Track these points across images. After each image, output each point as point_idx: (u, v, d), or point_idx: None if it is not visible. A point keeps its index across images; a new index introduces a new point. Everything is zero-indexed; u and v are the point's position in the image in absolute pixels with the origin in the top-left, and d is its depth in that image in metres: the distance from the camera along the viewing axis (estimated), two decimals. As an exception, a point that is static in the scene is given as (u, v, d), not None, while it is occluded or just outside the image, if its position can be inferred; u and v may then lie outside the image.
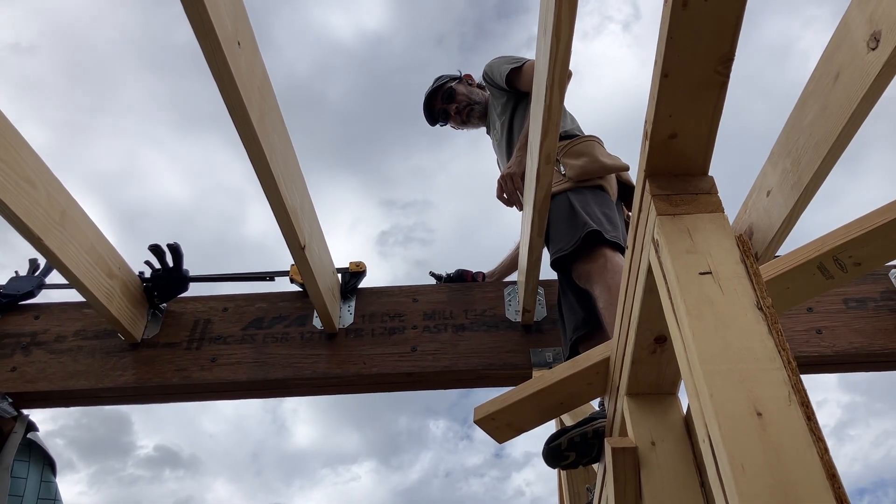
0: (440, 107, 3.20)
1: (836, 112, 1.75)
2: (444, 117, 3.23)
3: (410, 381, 2.66)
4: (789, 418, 0.90)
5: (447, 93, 3.18)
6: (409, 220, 25.13)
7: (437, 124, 3.28)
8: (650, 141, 1.15)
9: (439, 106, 3.21)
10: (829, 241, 1.40)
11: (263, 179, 1.88)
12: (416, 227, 23.04)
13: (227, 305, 2.87)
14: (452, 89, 3.18)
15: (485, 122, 3.16)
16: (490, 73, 2.89)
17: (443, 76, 3.26)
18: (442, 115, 3.22)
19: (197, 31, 1.45)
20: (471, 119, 3.17)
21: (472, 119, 3.17)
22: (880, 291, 2.70)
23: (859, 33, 1.66)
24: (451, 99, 3.18)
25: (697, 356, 0.98)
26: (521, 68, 2.75)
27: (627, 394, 1.45)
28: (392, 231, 22.11)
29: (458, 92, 3.17)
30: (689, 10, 1.00)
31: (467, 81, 3.21)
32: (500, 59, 2.86)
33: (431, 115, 3.26)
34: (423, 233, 15.19)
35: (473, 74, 3.26)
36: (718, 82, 1.08)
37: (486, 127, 3.15)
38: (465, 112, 3.16)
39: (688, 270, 1.07)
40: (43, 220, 2.13)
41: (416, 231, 20.89)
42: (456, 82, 3.21)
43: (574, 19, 1.48)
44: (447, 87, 3.19)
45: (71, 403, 2.71)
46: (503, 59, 2.85)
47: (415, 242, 13.12)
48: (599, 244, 2.16)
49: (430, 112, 3.25)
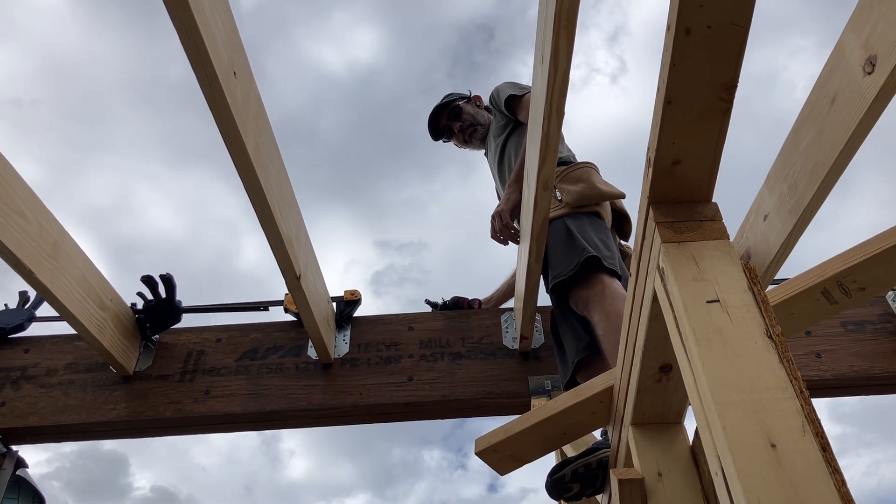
0: (444, 123, 3.22)
1: (833, 136, 1.75)
2: (447, 134, 3.24)
3: (407, 412, 2.63)
4: (804, 449, 0.88)
5: (454, 110, 3.20)
6: (405, 260, 25.23)
7: (440, 139, 3.28)
8: (654, 168, 1.14)
9: (444, 122, 3.22)
10: (833, 266, 1.40)
11: (259, 209, 1.87)
12: (412, 268, 23.01)
13: (221, 336, 2.84)
14: (459, 108, 3.20)
15: (483, 144, 3.17)
16: (496, 95, 2.92)
17: (452, 94, 3.27)
18: (446, 132, 3.24)
19: (193, 61, 1.44)
20: (472, 140, 3.19)
21: (474, 140, 3.18)
22: (878, 314, 2.70)
23: (854, 58, 1.67)
24: (456, 117, 3.20)
25: (708, 387, 0.96)
26: (521, 97, 2.77)
27: (632, 423, 1.43)
28: (387, 271, 22.07)
29: (465, 111, 3.19)
30: (693, 37, 1.00)
31: (475, 102, 3.23)
32: (507, 84, 2.88)
33: (436, 130, 3.27)
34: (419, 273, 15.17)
35: (483, 96, 3.27)
36: (722, 109, 1.08)
37: (484, 149, 3.15)
38: (467, 132, 3.18)
39: (695, 299, 1.06)
40: (34, 252, 2.10)
41: (411, 272, 20.88)
42: (465, 101, 3.23)
43: (572, 48, 1.48)
44: (455, 104, 3.21)
45: (62, 439, 2.66)
46: (509, 84, 2.87)
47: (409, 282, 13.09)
48: (597, 270, 2.15)
49: (434, 127, 3.26)
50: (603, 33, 67.70)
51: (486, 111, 3.19)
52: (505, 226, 2.49)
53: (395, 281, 46.54)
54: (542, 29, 1.60)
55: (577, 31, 1.47)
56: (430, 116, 3.25)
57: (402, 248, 55.41)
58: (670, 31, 1.02)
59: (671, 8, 1.01)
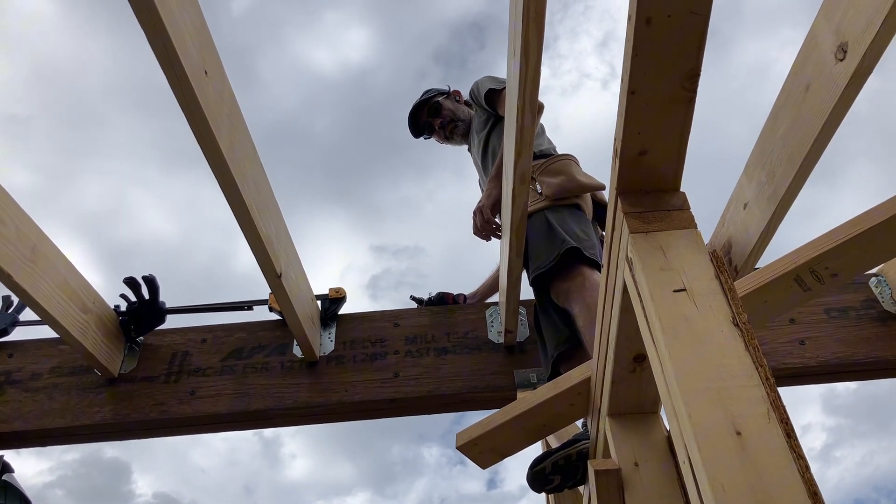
0: (425, 119, 3.20)
1: (808, 123, 1.76)
2: (428, 130, 3.23)
3: (394, 408, 2.63)
4: (769, 436, 0.89)
5: (433, 107, 3.18)
6: (402, 264, 25.19)
7: (421, 137, 3.27)
8: (620, 158, 1.14)
9: (424, 119, 3.20)
10: (805, 253, 1.40)
11: (236, 208, 1.86)
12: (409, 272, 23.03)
13: (206, 337, 2.83)
14: (439, 104, 3.18)
15: (465, 139, 3.15)
16: (476, 90, 2.90)
17: (431, 90, 3.26)
18: (427, 129, 3.22)
19: (161, 60, 1.43)
20: (454, 136, 3.17)
21: (455, 136, 3.17)
22: (861, 300, 2.71)
23: (827, 45, 1.67)
24: (436, 113, 3.18)
25: (675, 375, 0.96)
26: (500, 91, 2.75)
27: (609, 414, 1.44)
28: (383, 275, 22.06)
29: (444, 107, 3.17)
30: (653, 27, 1.00)
31: (455, 97, 3.20)
32: (486, 79, 2.86)
33: (416, 128, 3.26)
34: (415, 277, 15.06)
35: (463, 91, 3.25)
36: (686, 98, 1.08)
37: (468, 144, 3.14)
38: (448, 128, 3.15)
39: (662, 288, 1.06)
40: (13, 256, 2.09)
41: (407, 276, 20.88)
42: (444, 97, 3.21)
43: (542, 42, 1.47)
44: (434, 100, 3.19)
45: (47, 443, 2.65)
46: (489, 78, 2.86)
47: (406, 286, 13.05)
48: (577, 262, 2.15)
49: (414, 124, 3.25)
50: (593, 40, 67.70)
51: (467, 105, 3.18)
52: (486, 221, 2.49)
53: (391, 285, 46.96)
54: (512, 23, 1.60)
55: (568, 37, 1.49)
56: (409, 114, 3.24)
57: (399, 252, 55.36)
58: (631, 21, 1.01)
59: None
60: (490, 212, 2.49)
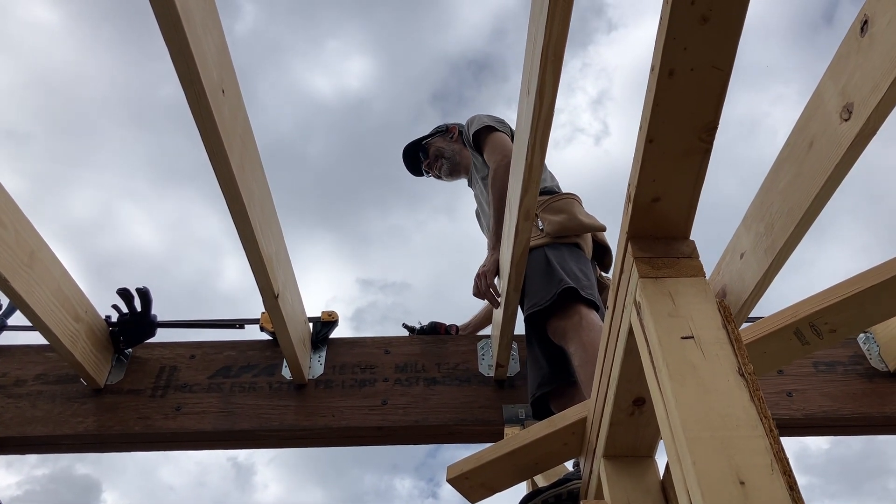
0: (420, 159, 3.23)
1: (810, 179, 1.79)
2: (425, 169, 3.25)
3: (380, 436, 2.62)
4: (772, 487, 0.90)
5: (423, 147, 3.21)
6: (388, 299, 24.98)
7: (421, 175, 3.30)
8: (633, 204, 1.16)
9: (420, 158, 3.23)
10: (805, 307, 1.42)
11: (240, 227, 1.87)
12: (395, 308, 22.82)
13: (195, 353, 2.81)
14: (426, 144, 3.20)
15: (458, 175, 3.14)
16: (465, 130, 2.92)
17: (435, 129, 3.28)
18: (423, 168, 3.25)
19: (182, 78, 1.45)
20: (441, 174, 3.17)
21: (443, 175, 3.17)
22: (849, 356, 2.74)
23: (832, 104, 1.71)
24: (425, 154, 3.20)
25: (680, 422, 0.97)
26: (490, 134, 2.73)
27: (604, 455, 1.44)
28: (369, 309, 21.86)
29: (431, 146, 3.18)
30: (676, 79, 1.02)
31: (450, 135, 3.20)
32: (476, 118, 2.86)
33: (412, 167, 3.28)
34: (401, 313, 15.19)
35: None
36: (702, 149, 1.10)
37: (468, 179, 3.14)
38: (435, 166, 3.17)
39: (670, 334, 1.07)
40: (10, 260, 2.08)
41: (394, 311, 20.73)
42: (439, 136, 3.21)
43: (557, 83, 1.50)
44: (424, 141, 3.21)
45: (28, 451, 2.62)
46: (479, 117, 2.85)
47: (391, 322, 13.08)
48: (575, 301, 2.17)
49: (411, 164, 3.28)
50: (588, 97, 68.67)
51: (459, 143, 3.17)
52: (489, 286, 2.48)
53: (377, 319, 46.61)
54: (529, 63, 1.63)
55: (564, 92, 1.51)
56: (403, 156, 3.27)
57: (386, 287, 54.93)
58: (654, 72, 1.04)
59: (655, 49, 1.04)
60: (493, 278, 2.49)
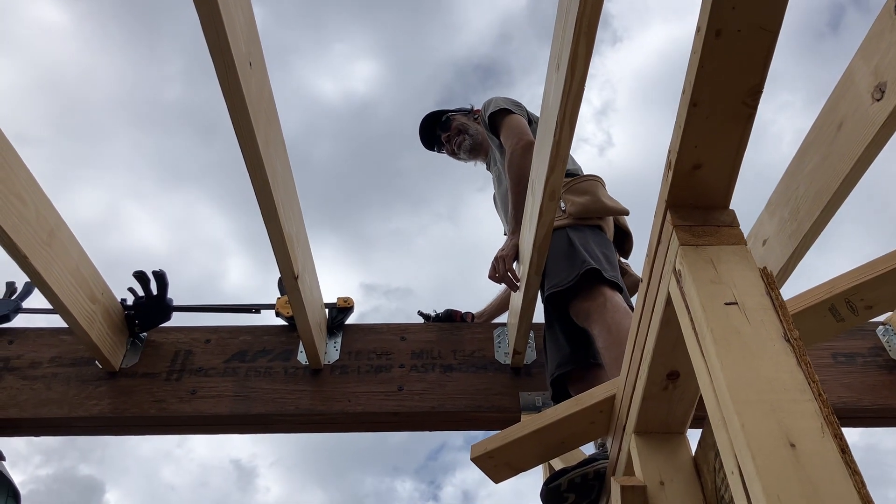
0: (437, 132, 3.17)
1: (839, 161, 1.77)
2: (438, 143, 3.21)
3: (396, 421, 2.60)
4: (824, 450, 0.88)
5: (445, 120, 3.16)
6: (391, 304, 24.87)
7: (433, 149, 3.26)
8: (674, 171, 1.15)
9: (436, 132, 3.18)
10: (841, 283, 1.41)
11: (263, 204, 1.85)
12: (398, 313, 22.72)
13: (210, 337, 2.80)
14: (450, 117, 3.15)
15: (477, 156, 3.10)
16: (483, 110, 2.86)
17: (459, 107, 3.24)
18: (437, 142, 3.20)
19: (212, 47, 1.44)
20: (460, 150, 3.11)
21: (462, 151, 3.10)
22: (868, 347, 2.72)
23: (864, 84, 1.70)
24: (446, 127, 3.15)
25: (726, 386, 0.95)
26: (505, 118, 2.69)
27: (635, 432, 1.42)
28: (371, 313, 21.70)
29: (454, 120, 3.13)
30: (722, 39, 1.01)
31: (474, 116, 3.15)
32: (493, 100, 2.80)
33: (427, 139, 3.24)
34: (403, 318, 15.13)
35: None
36: (746, 114, 1.09)
37: (486, 163, 3.11)
38: (455, 141, 3.11)
39: (713, 300, 1.06)
40: (30, 237, 2.07)
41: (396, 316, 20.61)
42: (462, 113, 3.18)
43: (591, 54, 1.49)
44: (447, 114, 3.17)
45: (42, 432, 2.61)
46: (496, 100, 2.79)
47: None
48: (599, 283, 2.15)
49: (426, 136, 3.23)
50: (592, 108, 68.28)
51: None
52: (507, 271, 2.44)
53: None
54: (559, 36, 1.62)
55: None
56: (420, 125, 3.22)
57: (389, 293, 54.62)
58: (700, 33, 1.03)
59: (702, 10, 1.02)
60: (512, 262, 2.45)
